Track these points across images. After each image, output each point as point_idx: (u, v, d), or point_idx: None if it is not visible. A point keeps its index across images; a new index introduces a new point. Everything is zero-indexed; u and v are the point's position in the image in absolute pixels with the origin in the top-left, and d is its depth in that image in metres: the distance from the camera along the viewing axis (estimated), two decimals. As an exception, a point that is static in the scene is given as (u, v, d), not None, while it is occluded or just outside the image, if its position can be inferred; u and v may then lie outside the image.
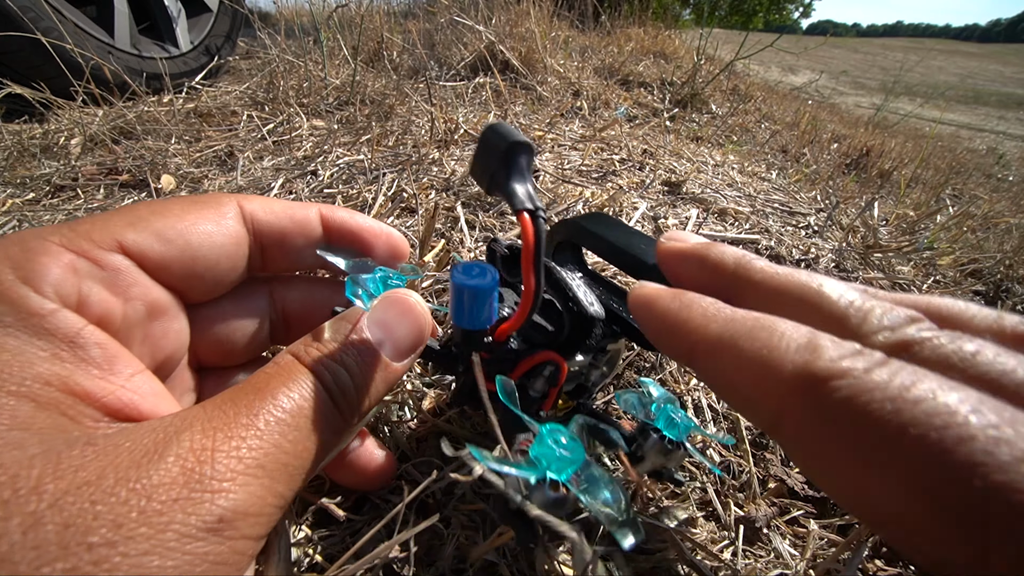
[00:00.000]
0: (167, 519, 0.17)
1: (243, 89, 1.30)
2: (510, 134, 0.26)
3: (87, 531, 0.16)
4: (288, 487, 0.21)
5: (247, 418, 0.20)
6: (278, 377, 0.22)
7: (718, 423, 0.44)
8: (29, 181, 0.84)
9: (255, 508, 0.19)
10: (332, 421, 0.23)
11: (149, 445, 0.19)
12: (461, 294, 0.25)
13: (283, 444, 0.21)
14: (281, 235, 0.30)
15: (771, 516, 0.37)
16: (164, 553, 0.17)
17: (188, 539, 0.17)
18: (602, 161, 1.01)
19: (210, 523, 0.18)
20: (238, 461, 0.19)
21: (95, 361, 0.21)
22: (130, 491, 0.17)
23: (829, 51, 15.28)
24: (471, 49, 1.56)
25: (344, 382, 0.24)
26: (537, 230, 0.25)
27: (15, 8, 1.05)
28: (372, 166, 0.86)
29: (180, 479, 0.18)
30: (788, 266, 0.25)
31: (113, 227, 0.24)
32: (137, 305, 0.25)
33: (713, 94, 1.98)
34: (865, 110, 4.83)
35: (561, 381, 0.30)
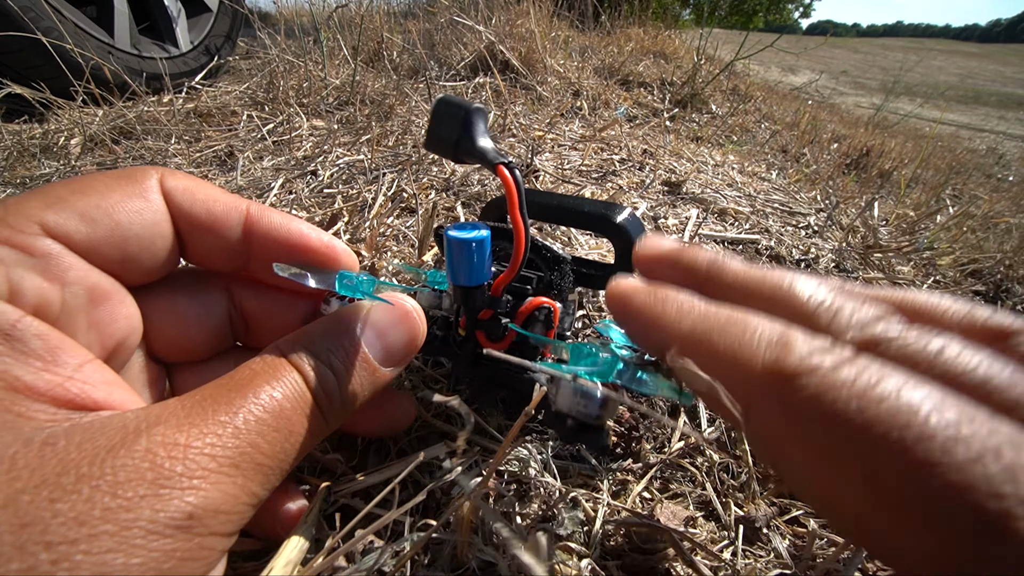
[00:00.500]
0: (133, 515, 0.17)
1: (243, 89, 1.30)
2: (464, 103, 0.28)
3: (45, 530, 0.16)
4: (262, 486, 0.21)
5: (225, 415, 0.20)
6: (263, 374, 0.22)
7: (715, 423, 0.44)
8: (29, 181, 0.84)
9: (227, 506, 0.19)
10: (312, 424, 0.23)
11: (116, 439, 0.18)
12: (460, 249, 0.26)
13: (260, 444, 0.20)
14: (199, 227, 0.27)
15: (771, 516, 0.37)
16: (129, 550, 0.16)
17: (155, 536, 0.17)
18: (602, 161, 1.01)
19: (178, 520, 0.18)
20: (211, 459, 0.19)
21: (36, 353, 0.20)
22: (93, 488, 0.17)
23: (829, 51, 15.28)
24: (471, 49, 1.56)
25: (330, 385, 0.23)
26: (516, 179, 0.27)
27: (15, 8, 1.05)
28: (372, 166, 0.86)
29: (149, 475, 0.17)
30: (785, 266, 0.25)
31: (30, 210, 0.22)
32: (76, 290, 0.23)
33: (713, 94, 1.97)
34: (865, 110, 4.83)
35: (555, 322, 0.32)
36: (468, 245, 0.26)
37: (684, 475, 0.40)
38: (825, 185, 1.33)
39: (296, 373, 0.23)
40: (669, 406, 0.45)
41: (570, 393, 0.25)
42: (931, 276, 0.94)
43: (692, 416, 0.45)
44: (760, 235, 0.84)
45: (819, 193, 1.20)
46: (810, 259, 0.83)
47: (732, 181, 1.07)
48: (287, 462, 0.22)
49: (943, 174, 2.26)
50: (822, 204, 1.11)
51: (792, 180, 1.28)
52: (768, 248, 0.81)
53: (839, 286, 0.22)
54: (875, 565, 0.36)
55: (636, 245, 0.28)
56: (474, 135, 0.28)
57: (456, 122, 0.28)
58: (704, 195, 0.94)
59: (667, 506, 0.37)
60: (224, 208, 0.28)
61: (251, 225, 0.29)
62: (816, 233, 0.93)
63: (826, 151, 1.99)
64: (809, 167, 1.52)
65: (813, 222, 0.96)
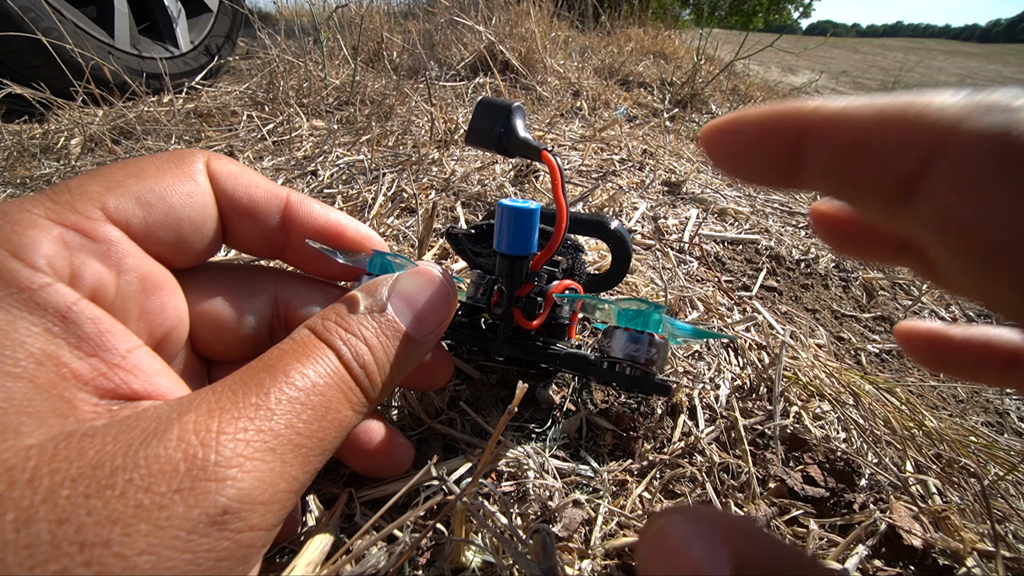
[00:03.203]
0: (167, 513, 0.16)
1: (243, 89, 1.30)
2: (505, 101, 0.32)
3: (80, 529, 0.15)
4: (303, 470, 0.20)
5: (257, 397, 0.19)
6: (292, 353, 0.21)
7: (715, 422, 0.44)
8: (29, 181, 0.84)
9: (265, 496, 0.18)
10: (351, 399, 0.22)
11: (149, 430, 0.17)
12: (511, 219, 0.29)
13: (296, 424, 0.19)
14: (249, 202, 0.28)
15: (771, 516, 0.37)
16: (163, 552, 0.16)
17: (191, 535, 0.16)
18: (602, 161, 1.01)
19: (214, 516, 0.17)
20: (246, 444, 0.18)
21: (87, 337, 0.20)
22: (127, 482, 0.16)
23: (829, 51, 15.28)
24: (471, 49, 1.56)
25: (365, 357, 0.22)
26: (558, 164, 0.31)
27: (15, 8, 1.05)
28: (372, 166, 0.86)
29: (182, 466, 0.17)
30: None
31: (93, 194, 0.23)
32: (131, 278, 0.23)
33: (713, 94, 1.97)
34: (865, 110, 4.81)
35: (579, 305, 0.35)
36: (523, 213, 0.29)
37: (684, 475, 0.40)
38: (825, 185, 1.32)
39: (327, 348, 0.22)
40: (669, 406, 0.45)
41: (624, 340, 0.29)
42: (931, 276, 0.94)
43: (692, 416, 0.45)
44: (760, 235, 0.84)
45: (819, 193, 1.19)
46: (810, 259, 0.83)
47: (732, 181, 1.07)
48: (328, 441, 0.21)
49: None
50: (822, 204, 1.11)
51: (792, 180, 1.28)
52: (768, 248, 0.81)
53: None
54: (875, 565, 0.36)
55: None
56: (515, 128, 0.32)
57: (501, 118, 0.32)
58: (704, 195, 0.94)
59: (667, 506, 0.37)
60: (265, 194, 0.28)
61: (290, 212, 0.29)
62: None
63: (826, 151, 1.99)
64: (809, 167, 1.52)
65: (813, 222, 0.96)
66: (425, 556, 0.31)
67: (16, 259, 0.20)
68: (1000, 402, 0.69)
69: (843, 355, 0.67)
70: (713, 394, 0.47)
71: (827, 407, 0.49)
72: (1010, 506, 0.41)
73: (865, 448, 0.45)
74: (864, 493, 0.41)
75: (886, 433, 0.47)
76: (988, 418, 0.65)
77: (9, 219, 0.21)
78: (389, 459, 0.33)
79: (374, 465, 0.33)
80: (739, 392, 0.49)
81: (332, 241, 0.30)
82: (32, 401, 0.17)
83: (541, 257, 0.32)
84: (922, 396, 0.63)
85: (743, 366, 0.52)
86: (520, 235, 0.29)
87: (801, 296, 0.76)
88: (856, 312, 0.78)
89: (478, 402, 0.42)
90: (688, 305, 0.59)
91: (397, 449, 0.33)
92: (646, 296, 0.59)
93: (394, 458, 0.33)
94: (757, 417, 0.46)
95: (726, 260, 0.77)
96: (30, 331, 0.19)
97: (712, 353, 0.52)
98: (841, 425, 0.47)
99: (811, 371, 0.53)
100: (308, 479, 0.20)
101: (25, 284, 0.19)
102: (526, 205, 0.29)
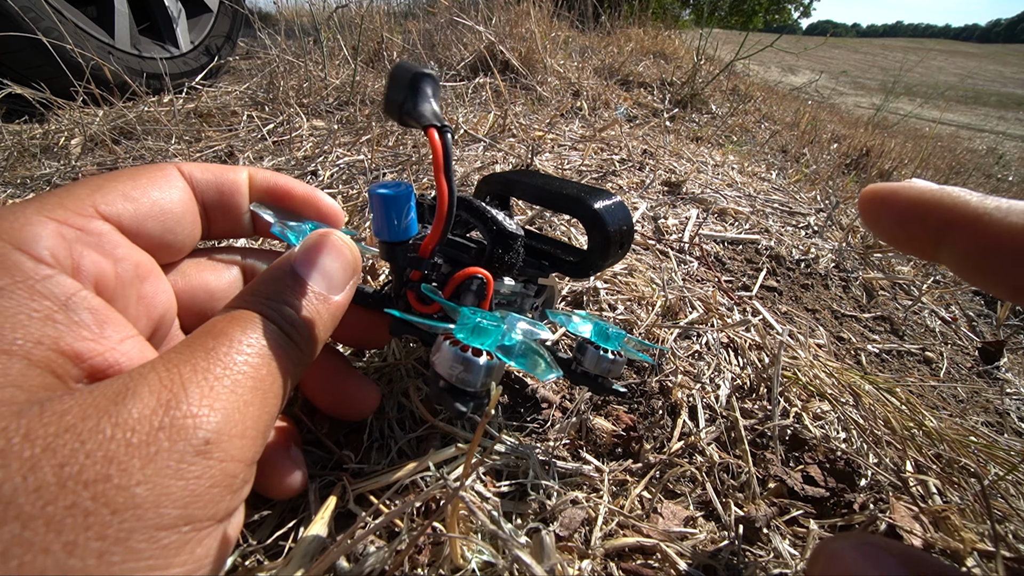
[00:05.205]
0: (155, 448, 0.18)
1: (243, 89, 1.30)
2: (414, 67, 0.29)
3: (81, 469, 0.17)
4: (262, 410, 0.22)
5: (206, 353, 0.21)
6: (228, 321, 0.23)
7: (715, 422, 0.44)
8: (29, 181, 0.84)
9: (236, 429, 0.20)
10: (289, 351, 0.24)
11: (120, 387, 0.19)
12: (379, 205, 0.28)
13: (247, 370, 0.22)
14: (218, 195, 0.31)
15: (771, 516, 0.37)
16: (157, 481, 0.18)
17: (180, 464, 0.18)
18: (602, 161, 1.01)
19: (197, 446, 0.19)
20: (209, 389, 0.20)
21: (86, 324, 0.22)
22: (114, 426, 0.18)
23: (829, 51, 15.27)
24: (471, 49, 1.56)
25: (290, 315, 0.25)
26: (445, 142, 0.28)
27: (15, 8, 1.05)
28: (372, 166, 0.86)
29: (159, 410, 0.19)
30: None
31: (83, 195, 0.25)
32: (126, 266, 0.26)
33: (713, 94, 1.97)
34: (865, 110, 4.83)
35: (488, 294, 0.32)
36: (388, 200, 0.28)
37: (684, 475, 0.40)
38: (825, 185, 1.33)
39: (256, 315, 0.24)
40: (668, 406, 0.45)
41: (449, 358, 0.27)
42: (931, 276, 0.94)
43: (692, 416, 0.45)
44: (760, 235, 0.84)
45: (819, 193, 1.20)
46: (810, 259, 0.83)
47: (732, 181, 1.07)
48: (279, 385, 0.23)
49: (943, 174, 2.26)
50: (822, 204, 1.11)
51: (792, 180, 1.28)
52: (768, 248, 0.81)
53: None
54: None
55: None
56: (418, 99, 0.29)
57: (403, 86, 0.29)
58: (704, 195, 0.94)
59: (667, 506, 0.37)
60: (233, 174, 0.32)
61: (253, 182, 0.33)
62: (816, 233, 0.93)
63: (826, 151, 1.99)
64: (809, 167, 1.52)
65: (813, 222, 0.96)
66: (424, 554, 0.31)
67: (20, 251, 0.21)
68: (1000, 402, 0.69)
69: (843, 355, 0.67)
70: (713, 394, 0.47)
71: (827, 407, 0.49)
72: (1010, 506, 0.41)
73: (865, 448, 0.45)
74: (864, 493, 0.41)
75: (886, 433, 0.47)
76: (988, 418, 0.65)
77: (9, 217, 0.22)
78: (349, 396, 0.35)
79: (337, 402, 0.36)
80: (739, 392, 0.49)
81: (281, 199, 0.33)
82: (26, 376, 0.19)
83: (426, 244, 0.31)
84: (922, 396, 0.63)
85: (743, 366, 0.52)
86: (391, 220, 0.28)
87: (801, 296, 0.76)
88: (856, 312, 0.78)
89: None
90: (688, 305, 0.59)
91: (357, 386, 0.36)
92: (646, 295, 0.59)
93: (354, 395, 0.35)
94: (757, 417, 0.46)
95: (726, 260, 0.77)
96: (31, 316, 0.20)
97: (712, 353, 0.52)
98: (841, 425, 0.47)
99: (811, 371, 0.53)
100: (269, 421, 0.23)
101: (29, 274, 0.21)
102: (395, 191, 0.28)
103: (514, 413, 0.42)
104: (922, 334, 0.79)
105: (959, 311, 0.88)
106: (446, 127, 0.29)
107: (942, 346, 0.77)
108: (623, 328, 0.53)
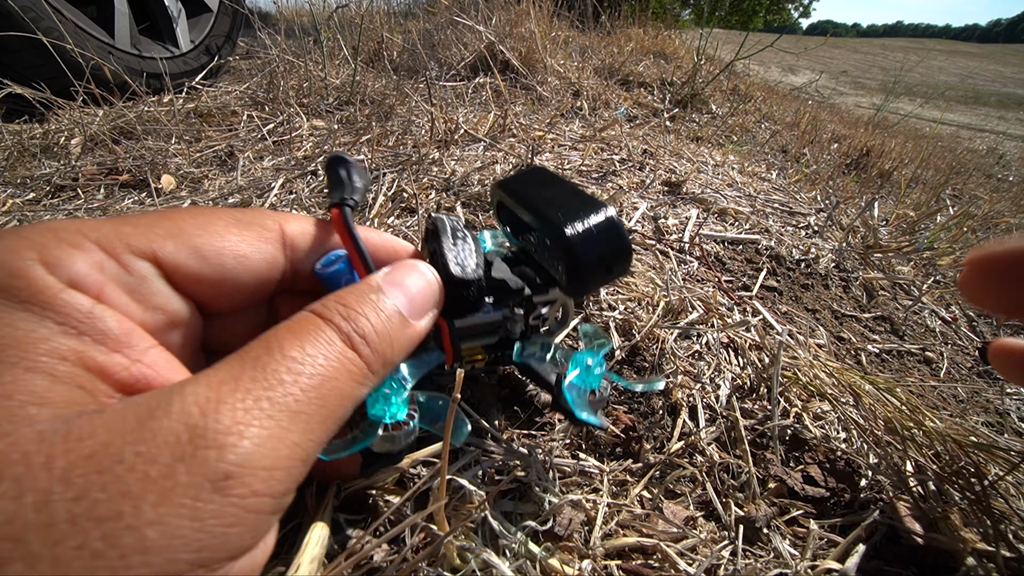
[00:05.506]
0: (172, 483, 0.16)
1: (243, 89, 1.30)
2: (333, 158, 0.33)
3: (95, 504, 0.16)
4: (305, 437, 0.20)
5: (253, 370, 0.20)
6: (289, 330, 0.22)
7: (715, 422, 0.44)
8: (29, 181, 0.84)
9: (266, 461, 0.18)
10: (351, 369, 0.22)
11: (153, 405, 0.18)
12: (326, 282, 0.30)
13: (293, 392, 0.20)
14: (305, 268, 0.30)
15: (771, 516, 0.37)
16: (170, 521, 0.16)
17: (196, 502, 0.17)
18: (602, 161, 1.01)
19: (215, 481, 0.17)
20: (244, 412, 0.18)
21: (111, 333, 0.21)
22: (135, 455, 0.16)
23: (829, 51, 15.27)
24: (471, 49, 1.56)
25: (364, 328, 0.23)
26: (344, 215, 0.30)
27: (15, 8, 1.05)
28: (372, 166, 0.86)
29: (184, 435, 0.17)
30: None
31: (154, 235, 0.24)
32: (158, 315, 0.25)
33: (713, 94, 1.98)
34: (865, 110, 4.83)
35: (445, 339, 0.32)
36: (327, 278, 0.30)
37: (684, 475, 0.40)
38: (825, 185, 1.33)
39: (324, 323, 0.23)
40: (668, 406, 0.45)
41: (378, 442, 0.28)
42: (931, 276, 0.94)
43: (692, 416, 0.45)
44: (760, 235, 0.84)
45: (819, 193, 1.20)
46: (810, 259, 0.83)
47: (732, 181, 1.07)
48: (330, 409, 0.21)
49: (943, 174, 2.26)
50: (822, 204, 1.11)
51: (792, 180, 1.28)
52: (768, 248, 0.81)
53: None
54: (874, 565, 0.36)
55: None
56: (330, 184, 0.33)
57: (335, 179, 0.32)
58: (704, 195, 0.93)
59: (667, 506, 0.37)
60: None
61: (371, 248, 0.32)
62: (816, 233, 0.93)
63: (826, 151, 1.99)
64: (809, 167, 1.52)
65: (813, 222, 0.96)
66: (424, 554, 0.31)
67: (43, 266, 0.20)
68: (1000, 402, 0.69)
69: (843, 355, 0.67)
70: (713, 394, 0.47)
71: (827, 407, 0.49)
72: (1010, 506, 0.41)
73: (865, 448, 0.45)
74: (864, 493, 0.41)
75: (886, 433, 0.47)
76: (988, 418, 0.65)
77: (58, 235, 0.22)
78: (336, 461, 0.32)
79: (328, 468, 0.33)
80: (739, 392, 0.49)
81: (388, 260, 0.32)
82: (52, 392, 0.18)
83: None
84: (922, 396, 0.63)
85: (743, 366, 0.52)
86: None
87: (801, 296, 0.76)
88: (856, 312, 0.78)
89: (479, 402, 0.42)
90: (688, 305, 0.59)
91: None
92: (646, 295, 0.59)
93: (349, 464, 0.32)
94: (757, 417, 0.46)
95: (726, 260, 0.77)
96: (52, 329, 0.20)
97: (712, 353, 0.52)
98: (841, 425, 0.47)
99: (811, 371, 0.53)
100: (313, 447, 0.21)
101: (45, 287, 0.20)
102: (333, 271, 0.30)
103: (514, 414, 0.42)
104: (922, 334, 0.79)
105: (959, 311, 0.88)
106: (347, 203, 0.31)
107: (942, 346, 0.77)
108: (623, 328, 0.53)
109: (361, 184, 0.33)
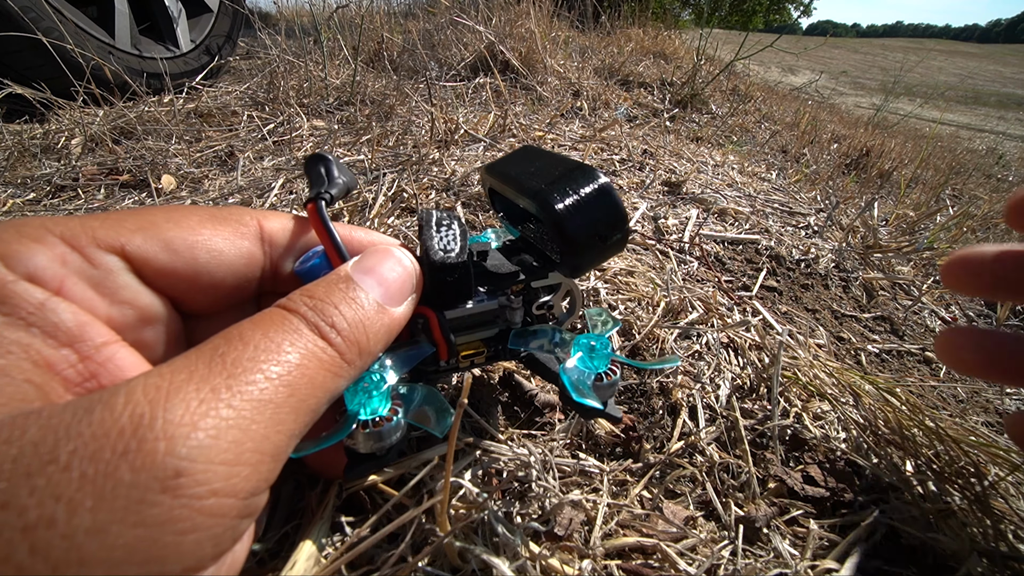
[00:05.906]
0: (112, 482, 0.14)
1: (243, 89, 1.30)
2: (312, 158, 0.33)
3: (23, 511, 0.14)
4: (273, 429, 0.17)
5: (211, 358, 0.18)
6: (251, 323, 0.20)
7: (715, 422, 0.44)
8: (30, 181, 0.84)
9: (227, 455, 0.16)
10: (326, 360, 0.21)
11: (96, 399, 0.16)
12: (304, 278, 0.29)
13: (258, 381, 0.18)
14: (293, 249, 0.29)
15: (771, 516, 0.37)
16: (112, 529, 0.14)
17: (140, 505, 0.14)
18: (602, 161, 1.01)
19: (164, 479, 0.15)
20: (199, 402, 0.16)
21: (63, 326, 0.19)
22: (70, 453, 0.14)
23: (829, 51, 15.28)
24: (471, 49, 1.56)
25: (333, 317, 0.22)
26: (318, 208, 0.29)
27: (15, 8, 1.05)
28: (372, 166, 0.86)
29: (128, 428, 0.15)
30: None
31: (123, 229, 0.23)
32: (126, 310, 0.23)
33: (713, 94, 1.98)
34: (865, 110, 4.83)
35: (435, 330, 0.30)
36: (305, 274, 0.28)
37: (684, 475, 0.40)
38: (825, 185, 1.33)
39: (291, 315, 0.21)
40: (668, 406, 0.45)
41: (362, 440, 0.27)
42: (931, 276, 0.94)
43: (692, 416, 0.45)
44: (760, 235, 0.84)
45: (819, 193, 1.20)
46: (810, 259, 0.83)
47: (732, 181, 1.07)
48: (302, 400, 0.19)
49: (943, 174, 2.26)
50: (822, 204, 1.11)
51: (792, 180, 1.28)
52: (768, 248, 0.81)
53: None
54: (874, 565, 0.36)
55: None
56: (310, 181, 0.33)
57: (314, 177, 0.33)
58: (704, 195, 0.94)
59: (667, 506, 0.37)
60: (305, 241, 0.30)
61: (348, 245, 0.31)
62: (816, 233, 0.93)
63: (826, 151, 1.99)
64: (809, 167, 1.52)
65: (813, 222, 0.96)
66: (424, 552, 0.31)
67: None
68: (1000, 402, 0.69)
69: (843, 355, 0.67)
70: (713, 394, 0.47)
71: (827, 407, 0.49)
72: (1010, 506, 0.41)
73: (865, 448, 0.45)
74: (864, 493, 0.41)
75: (886, 433, 0.47)
76: (988, 418, 0.65)
77: (20, 230, 0.21)
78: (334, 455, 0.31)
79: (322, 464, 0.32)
80: (739, 392, 0.49)
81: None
82: None
83: None
84: (922, 396, 0.63)
85: (743, 366, 0.52)
86: None
87: (801, 296, 0.76)
88: (856, 312, 0.78)
89: (479, 402, 0.42)
90: (688, 305, 0.59)
91: None
92: (646, 295, 0.59)
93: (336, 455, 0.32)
94: (757, 417, 0.46)
95: (726, 260, 0.77)
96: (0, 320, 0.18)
97: (712, 353, 0.52)
98: (841, 425, 0.47)
99: (811, 371, 0.53)
100: (284, 441, 0.18)
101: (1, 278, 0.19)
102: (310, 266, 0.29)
103: (514, 414, 0.42)
104: (922, 334, 0.79)
105: (959, 311, 0.88)
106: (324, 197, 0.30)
107: (942, 346, 0.77)
108: (623, 328, 0.53)
109: (341, 179, 0.32)
